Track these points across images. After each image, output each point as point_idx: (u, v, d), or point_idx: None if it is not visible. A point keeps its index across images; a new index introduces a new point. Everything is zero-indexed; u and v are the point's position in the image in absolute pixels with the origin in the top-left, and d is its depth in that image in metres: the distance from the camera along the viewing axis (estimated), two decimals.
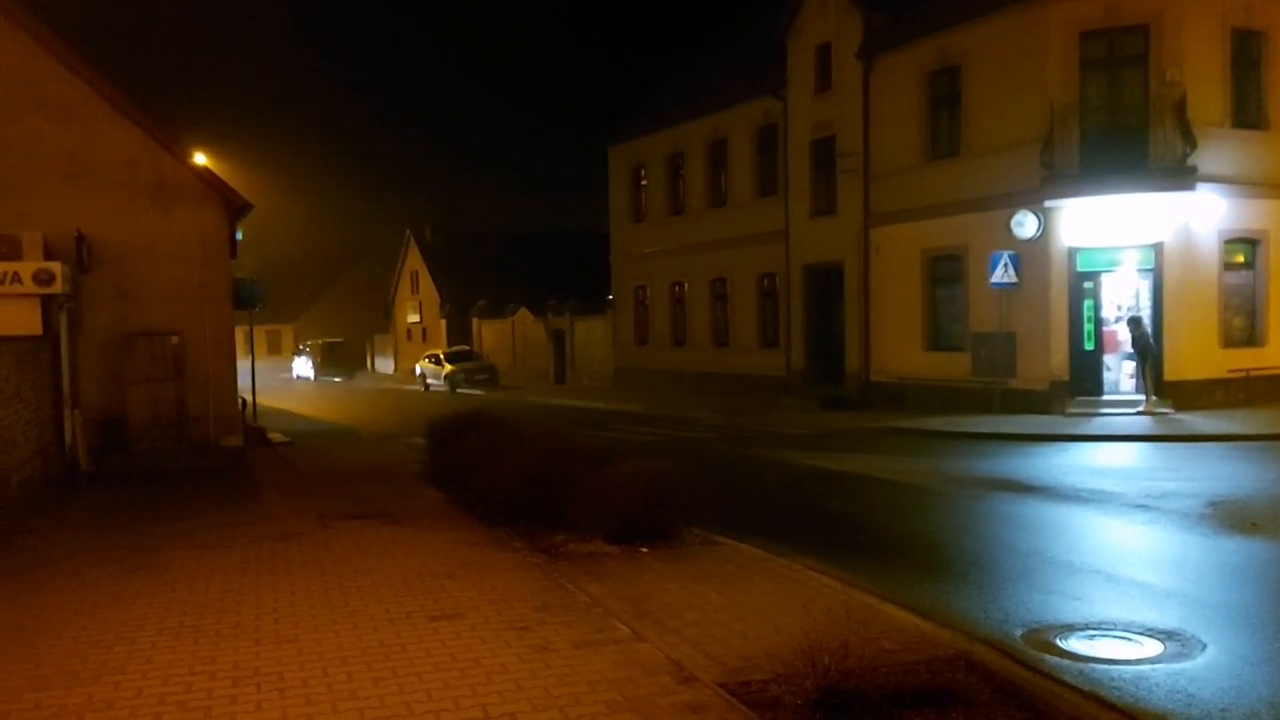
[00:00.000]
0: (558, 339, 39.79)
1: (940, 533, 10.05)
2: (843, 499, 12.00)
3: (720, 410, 23.97)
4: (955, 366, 21.42)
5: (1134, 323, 18.83)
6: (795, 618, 6.29)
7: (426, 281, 55.28)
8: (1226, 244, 19.64)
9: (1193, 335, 19.20)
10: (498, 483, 10.01)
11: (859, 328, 24.37)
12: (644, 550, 8.46)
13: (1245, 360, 19.47)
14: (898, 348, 23.29)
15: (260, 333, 62.31)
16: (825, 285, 25.77)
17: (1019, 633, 6.52)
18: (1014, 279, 19.88)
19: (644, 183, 34.08)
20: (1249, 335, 20.04)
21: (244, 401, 18.71)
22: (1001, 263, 19.90)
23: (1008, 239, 19.88)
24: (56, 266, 13.72)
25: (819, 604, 6.59)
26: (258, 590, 7.57)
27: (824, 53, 25.06)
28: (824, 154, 25.43)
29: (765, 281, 28.15)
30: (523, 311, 43.07)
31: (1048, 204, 19.37)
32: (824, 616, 5.90)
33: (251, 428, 18.85)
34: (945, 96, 22.11)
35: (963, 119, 21.55)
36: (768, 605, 6.85)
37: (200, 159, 18.49)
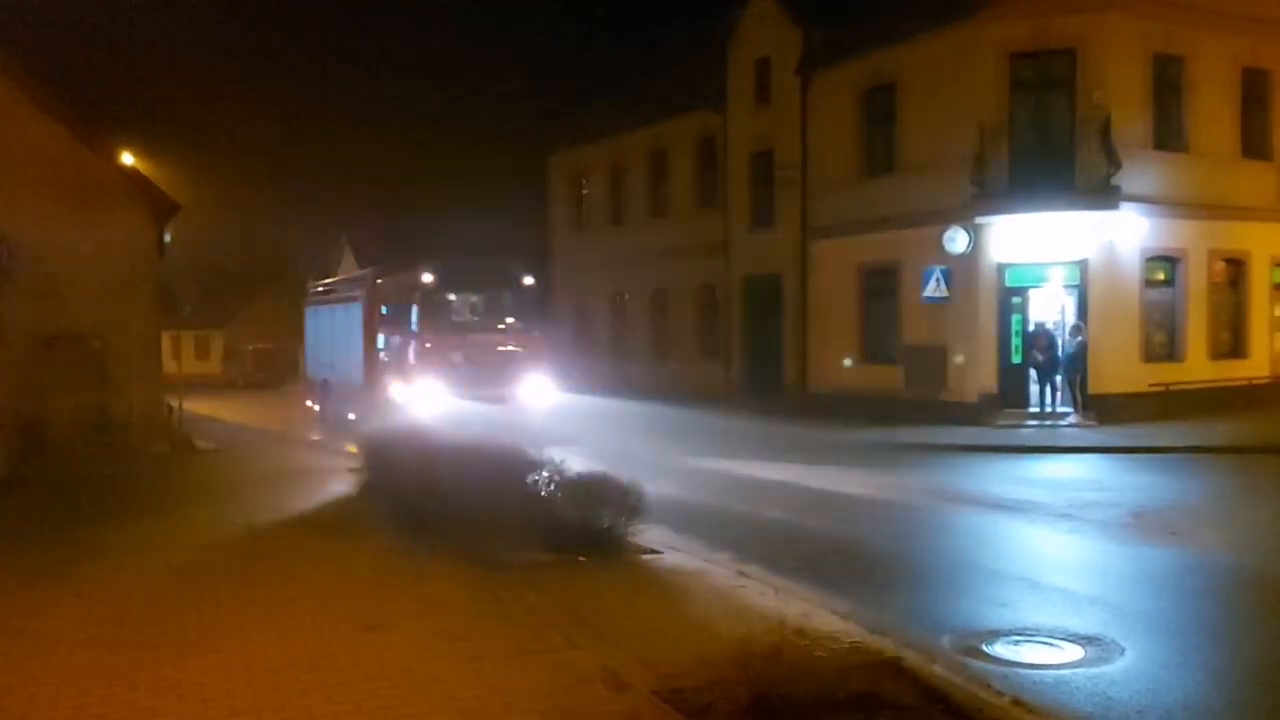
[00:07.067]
0: None
1: (873, 541, 10.19)
2: (779, 508, 12.10)
3: (659, 420, 23.98)
4: (889, 378, 21.75)
5: (1076, 329, 19.35)
6: (730, 625, 6.31)
7: None
8: (1148, 262, 20.29)
9: (1115, 350, 19.77)
10: (431, 491, 9.89)
11: (797, 339, 24.64)
12: (581, 559, 8.43)
13: (1165, 375, 20.10)
14: (834, 360, 23.58)
15: (189, 338, 60.76)
16: (765, 297, 26.01)
17: (946, 639, 6.64)
18: (945, 293, 20.29)
19: (585, 192, 34.09)
20: (1169, 350, 20.70)
21: (171, 407, 18.26)
22: (933, 277, 20.31)
23: (940, 254, 20.29)
24: None
25: (754, 611, 6.63)
26: (181, 599, 7.37)
27: (763, 67, 25.34)
28: (763, 167, 25.67)
29: (706, 293, 28.33)
30: None
31: (978, 220, 19.81)
32: (759, 624, 5.95)
33: (178, 434, 18.39)
34: (880, 114, 22.48)
35: (897, 136, 21.95)
36: (704, 613, 6.88)
37: (128, 159, 18.03)
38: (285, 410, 32.09)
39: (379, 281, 20.39)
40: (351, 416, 19.83)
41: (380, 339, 19.81)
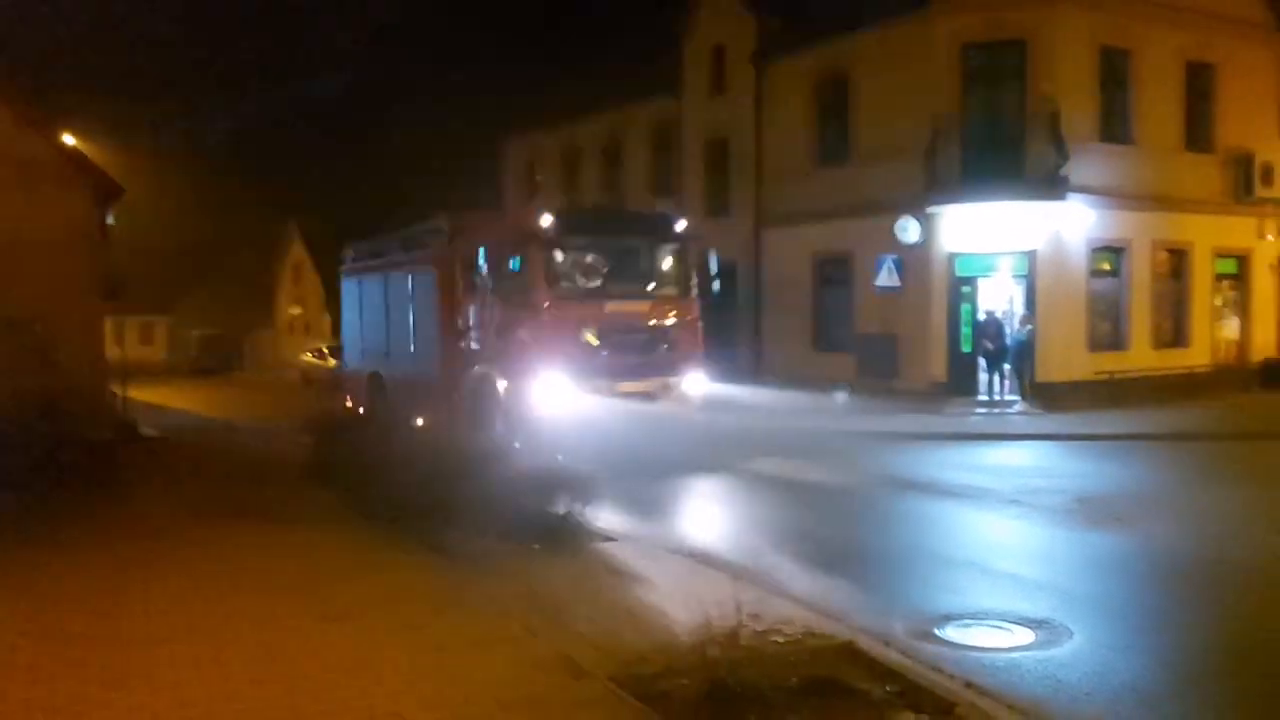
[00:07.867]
0: None
1: (826, 527, 10.28)
2: (732, 496, 12.17)
3: None
4: (842, 367, 21.94)
5: (1024, 319, 19.68)
6: (686, 612, 6.35)
7: (310, 274, 53.70)
8: (1094, 252, 20.67)
9: (1062, 339, 20.14)
10: (386, 481, 9.81)
11: (751, 328, 24.77)
12: (538, 547, 8.42)
13: (1110, 363, 20.51)
14: (788, 348, 23.74)
15: (133, 324, 59.43)
16: (719, 285, 25.99)
17: (899, 624, 6.73)
18: (897, 283, 20.50)
19: (539, 179, 33.90)
20: (1114, 339, 21.12)
21: (115, 394, 17.87)
22: (885, 266, 20.51)
23: (892, 243, 20.49)
24: None
25: (710, 598, 6.64)
26: (129, 591, 7.24)
27: (719, 55, 25.38)
28: (718, 155, 25.74)
29: None
30: None
31: (930, 210, 20.04)
32: (715, 610, 5.97)
33: (123, 422, 18.01)
34: (833, 103, 22.62)
35: (850, 126, 22.11)
36: (661, 600, 6.91)
37: (69, 140, 17.56)
38: (232, 399, 31.52)
39: (461, 235, 14.59)
40: (420, 422, 14.61)
41: (469, 314, 14.23)
